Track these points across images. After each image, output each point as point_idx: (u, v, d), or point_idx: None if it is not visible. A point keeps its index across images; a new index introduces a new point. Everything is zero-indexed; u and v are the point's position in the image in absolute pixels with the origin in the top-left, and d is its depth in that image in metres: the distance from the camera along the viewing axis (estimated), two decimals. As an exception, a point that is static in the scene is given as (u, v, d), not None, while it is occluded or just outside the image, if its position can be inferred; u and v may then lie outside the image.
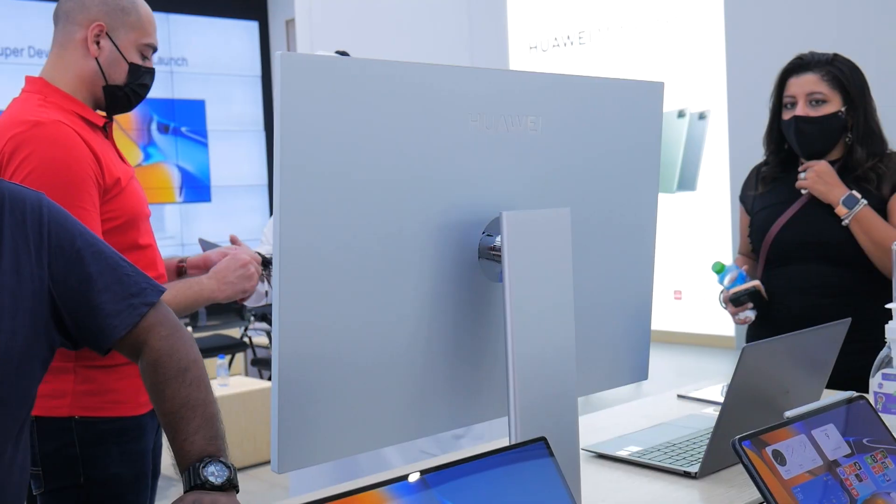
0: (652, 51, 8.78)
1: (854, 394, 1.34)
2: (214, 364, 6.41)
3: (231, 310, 7.01)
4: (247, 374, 7.03)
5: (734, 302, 2.46)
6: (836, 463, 1.21)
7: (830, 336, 1.68)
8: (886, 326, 1.74)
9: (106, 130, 1.98)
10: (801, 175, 2.35)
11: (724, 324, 8.16)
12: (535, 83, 1.29)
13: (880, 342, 1.78)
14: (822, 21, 7.31)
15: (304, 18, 5.81)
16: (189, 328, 6.66)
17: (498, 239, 1.22)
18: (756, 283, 2.43)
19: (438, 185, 1.19)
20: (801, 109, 2.33)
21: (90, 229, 1.72)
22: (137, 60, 1.98)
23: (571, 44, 9.43)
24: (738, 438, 1.14)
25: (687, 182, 8.40)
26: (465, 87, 1.21)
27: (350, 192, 1.11)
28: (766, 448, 1.16)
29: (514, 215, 1.19)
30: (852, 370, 1.94)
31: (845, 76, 2.32)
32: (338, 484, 1.63)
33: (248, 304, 2.42)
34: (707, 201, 8.22)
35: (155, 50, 2.02)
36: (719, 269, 2.53)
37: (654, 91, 1.45)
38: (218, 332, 6.80)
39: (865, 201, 2.27)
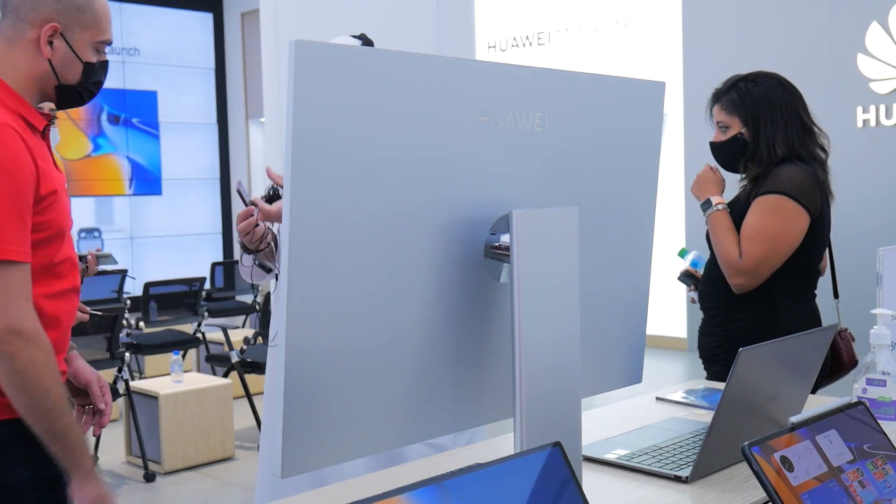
0: (609, 53, 8.84)
1: (853, 399, 1.33)
2: (164, 360, 6.31)
3: (182, 305, 6.91)
4: (199, 371, 6.92)
5: (682, 282, 2.86)
6: (840, 469, 1.21)
7: (817, 342, 1.68)
8: (871, 332, 1.75)
9: (44, 133, 1.88)
10: None
11: (676, 326, 8.24)
12: (542, 79, 1.27)
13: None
14: (775, 26, 7.42)
15: (268, 10, 5.73)
16: (141, 323, 6.52)
17: (503, 237, 1.20)
18: (687, 266, 2.83)
19: (446, 182, 1.16)
20: (715, 136, 2.64)
21: (23, 243, 1.66)
22: (92, 59, 1.87)
23: (531, 44, 9.45)
24: (747, 444, 1.13)
25: (642, 185, 8.49)
26: (474, 81, 1.18)
27: (358, 187, 1.08)
28: (775, 454, 1.15)
29: (524, 213, 1.16)
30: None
31: (738, 102, 2.57)
32: (306, 491, 1.58)
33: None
34: (662, 204, 8.30)
35: (110, 44, 1.92)
36: (681, 253, 2.90)
37: (655, 90, 1.44)
38: (170, 328, 6.68)
39: (720, 207, 2.55)
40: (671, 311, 8.27)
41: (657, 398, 2.12)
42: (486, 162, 1.21)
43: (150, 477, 4.86)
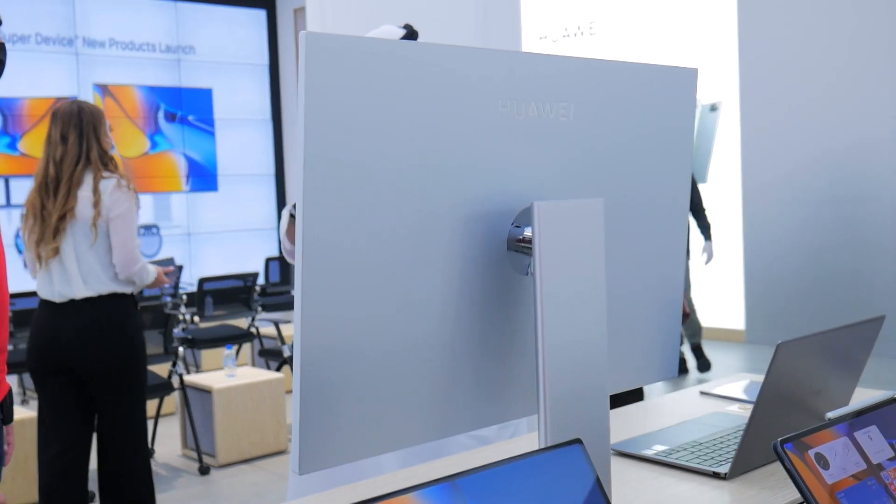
0: (662, 42, 8.71)
1: (895, 393, 1.29)
2: (222, 354, 6.38)
3: (237, 300, 6.98)
4: (254, 365, 6.99)
5: None
6: (879, 467, 1.16)
7: (864, 333, 1.62)
8: (921, 323, 1.68)
9: None
10: None
11: (734, 317, 8.11)
12: (567, 67, 1.24)
13: None
14: (832, 10, 7.24)
15: (315, 6, 5.75)
16: (196, 317, 6.62)
17: (527, 230, 1.17)
18: None
19: (467, 174, 1.14)
20: None
21: None
22: None
23: (582, 34, 9.36)
24: (780, 441, 1.09)
25: (698, 174, 8.34)
26: (494, 70, 1.15)
27: (375, 181, 1.06)
28: (809, 451, 1.11)
29: (546, 205, 1.13)
30: None
31: None
32: (338, 486, 1.58)
33: None
34: (718, 193, 8.16)
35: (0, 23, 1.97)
36: None
37: (687, 77, 1.40)
38: (225, 323, 6.76)
39: None
40: (729, 303, 8.14)
41: (701, 392, 2.08)
42: (508, 153, 1.18)
43: (204, 470, 4.93)
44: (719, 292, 8.23)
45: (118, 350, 3.56)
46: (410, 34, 2.48)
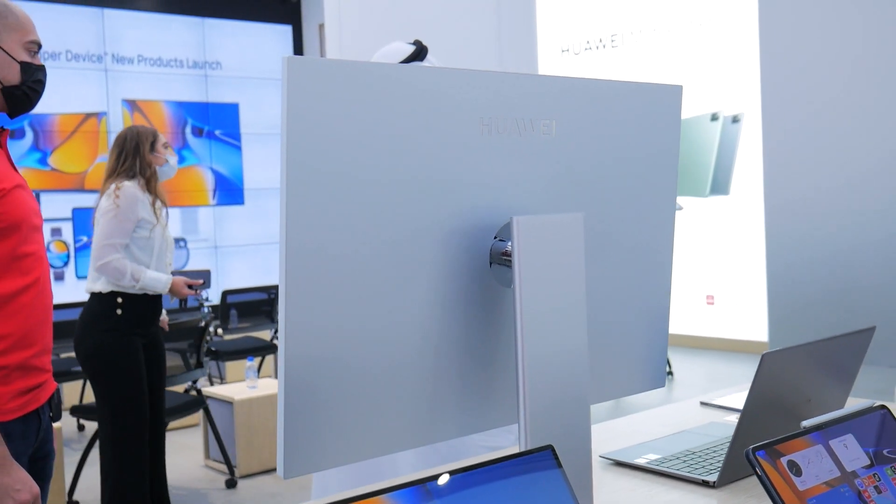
0: (685, 53, 8.73)
1: (875, 403, 1.31)
2: (244, 366, 6.47)
3: (260, 312, 7.06)
4: (276, 377, 7.06)
5: None
6: (854, 474, 1.19)
7: (855, 344, 1.65)
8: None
9: None
10: None
11: (757, 329, 8.08)
12: (548, 87, 1.28)
13: None
14: (857, 21, 7.22)
15: (333, 23, 5.83)
16: (219, 329, 6.68)
17: (510, 244, 1.21)
18: None
19: (449, 190, 1.19)
20: None
21: None
22: (27, 58, 2.03)
23: (604, 47, 9.39)
24: (752, 448, 1.12)
25: (720, 186, 8.35)
26: (474, 90, 1.19)
27: (359, 197, 1.11)
28: (782, 458, 1.14)
29: (525, 220, 1.18)
30: None
31: None
32: (359, 486, 1.63)
33: None
34: (740, 205, 8.15)
35: (40, 46, 2.07)
36: None
37: (672, 95, 1.43)
38: (248, 335, 6.84)
39: None
40: (752, 316, 8.12)
41: (701, 403, 2.11)
42: (491, 169, 1.22)
43: (230, 483, 4.99)
44: (743, 306, 8.22)
45: (85, 350, 3.89)
46: (419, 51, 2.53)
